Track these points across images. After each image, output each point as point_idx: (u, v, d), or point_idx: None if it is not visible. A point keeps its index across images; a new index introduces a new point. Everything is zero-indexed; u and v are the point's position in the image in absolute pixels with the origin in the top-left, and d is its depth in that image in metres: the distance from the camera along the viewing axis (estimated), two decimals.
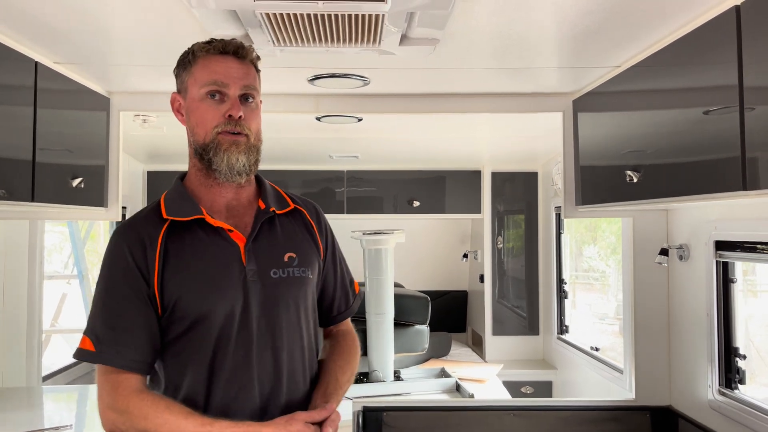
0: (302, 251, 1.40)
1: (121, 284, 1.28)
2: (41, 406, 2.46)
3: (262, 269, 1.33)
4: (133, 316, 1.27)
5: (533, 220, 4.30)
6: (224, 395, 1.28)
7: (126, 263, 1.28)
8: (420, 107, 2.52)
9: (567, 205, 2.51)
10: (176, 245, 1.30)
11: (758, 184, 1.37)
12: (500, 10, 1.60)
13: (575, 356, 3.72)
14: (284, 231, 1.40)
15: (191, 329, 1.28)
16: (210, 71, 1.31)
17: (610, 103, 2.20)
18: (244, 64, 1.33)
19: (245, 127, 1.31)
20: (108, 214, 2.42)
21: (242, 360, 1.29)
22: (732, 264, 2.19)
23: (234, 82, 1.31)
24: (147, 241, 1.29)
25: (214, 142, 1.30)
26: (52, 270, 5.30)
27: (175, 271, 1.28)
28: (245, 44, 1.35)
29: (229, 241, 1.33)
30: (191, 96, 1.34)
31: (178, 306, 1.27)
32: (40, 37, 1.79)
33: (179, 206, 1.33)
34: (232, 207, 1.37)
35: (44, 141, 1.91)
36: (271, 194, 1.43)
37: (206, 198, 1.36)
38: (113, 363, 1.26)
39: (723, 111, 1.49)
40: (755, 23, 1.39)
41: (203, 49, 1.33)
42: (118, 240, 1.31)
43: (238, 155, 1.30)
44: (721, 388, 2.18)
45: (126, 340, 1.26)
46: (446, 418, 2.56)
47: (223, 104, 1.31)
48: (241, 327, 1.29)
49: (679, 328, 2.45)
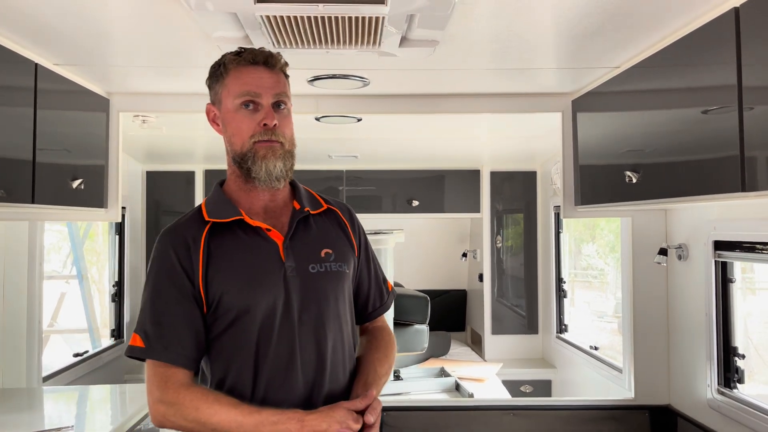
0: (337, 247, 1.46)
1: (168, 284, 1.34)
2: (41, 407, 2.46)
3: (301, 265, 1.38)
4: (180, 315, 1.33)
5: (532, 220, 4.31)
6: (269, 386, 1.33)
7: (171, 264, 1.34)
8: (419, 108, 2.53)
9: (566, 205, 2.52)
10: (218, 245, 1.36)
11: (757, 185, 1.38)
12: (500, 12, 1.60)
13: (574, 355, 3.72)
14: (319, 229, 1.46)
15: (234, 324, 1.34)
16: (242, 82, 1.36)
17: (609, 103, 2.20)
18: (274, 73, 1.38)
19: (280, 135, 1.36)
20: (108, 215, 2.42)
21: (286, 352, 1.34)
22: (731, 264, 2.20)
23: (266, 91, 1.36)
24: (191, 243, 1.35)
25: (252, 151, 1.35)
26: (50, 269, 5.29)
27: (218, 269, 1.34)
28: (274, 53, 1.40)
29: (267, 240, 1.39)
30: (226, 107, 1.39)
31: (222, 302, 1.33)
32: (40, 38, 1.79)
33: (220, 209, 1.40)
34: (269, 209, 1.43)
35: (44, 142, 1.92)
36: (305, 196, 1.49)
37: (245, 201, 1.42)
38: (162, 358, 1.31)
39: (722, 111, 1.49)
40: (754, 24, 1.39)
41: (234, 61, 1.38)
42: (164, 242, 1.38)
43: (275, 162, 1.35)
44: (720, 387, 2.18)
45: (173, 336, 1.32)
46: (446, 417, 2.57)
47: (257, 114, 1.36)
48: (284, 320, 1.35)
49: (677, 327, 2.46)
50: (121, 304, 3.96)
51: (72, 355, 3.36)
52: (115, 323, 3.94)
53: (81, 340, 4.70)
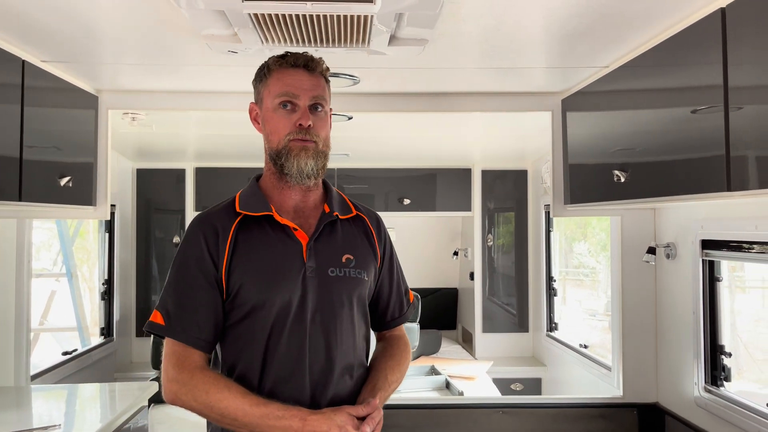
0: (359, 254, 1.49)
1: (194, 268, 1.39)
2: (30, 406, 2.45)
3: (321, 267, 1.43)
4: (201, 298, 1.38)
5: (523, 218, 4.32)
6: (276, 381, 1.38)
7: (200, 249, 1.40)
8: (410, 106, 2.53)
9: (556, 204, 2.53)
10: (245, 237, 1.42)
11: (742, 185, 1.39)
12: (489, 12, 1.60)
13: (564, 353, 3.74)
14: (344, 234, 1.50)
15: (249, 316, 1.39)
16: (283, 83, 1.42)
17: (598, 102, 2.21)
18: (313, 76, 1.44)
19: (314, 135, 1.42)
20: (97, 212, 2.41)
21: (296, 350, 1.38)
22: (718, 263, 2.21)
23: (304, 93, 1.42)
24: (220, 231, 1.41)
25: (286, 148, 1.41)
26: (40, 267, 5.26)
27: (241, 261, 1.39)
28: (315, 57, 1.46)
29: (293, 239, 1.43)
30: (266, 106, 1.46)
31: (240, 292, 1.38)
32: (27, 36, 1.78)
33: (252, 203, 1.45)
34: (300, 209, 1.48)
35: (32, 139, 1.91)
36: (336, 200, 1.53)
37: (277, 199, 1.47)
38: (180, 338, 1.37)
39: (708, 111, 1.50)
40: (740, 25, 1.40)
41: (277, 63, 1.45)
42: (195, 228, 1.44)
43: (307, 160, 1.41)
44: (707, 385, 2.20)
45: (193, 319, 1.37)
46: (436, 415, 2.58)
47: (294, 114, 1.42)
48: (297, 318, 1.39)
49: (666, 326, 2.47)
50: (110, 302, 3.94)
51: (61, 353, 3.35)
52: (104, 321, 3.92)
53: (70, 338, 4.68)
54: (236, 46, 1.76)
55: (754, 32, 1.36)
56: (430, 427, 2.56)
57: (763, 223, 1.87)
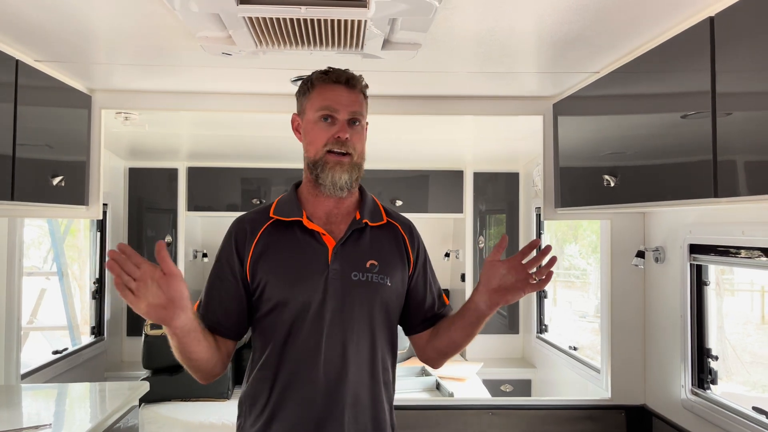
0: (385, 261, 1.55)
1: (224, 264, 1.53)
2: (20, 405, 2.44)
3: (345, 270, 1.50)
4: (227, 290, 1.52)
5: (514, 220, 4.34)
6: (293, 375, 1.47)
7: (230, 248, 1.53)
8: (403, 109, 2.54)
9: (546, 207, 2.55)
10: (274, 239, 1.52)
11: (729, 191, 1.41)
12: (482, 17, 1.62)
13: (554, 355, 3.76)
14: (372, 241, 1.57)
15: (273, 311, 1.50)
16: (324, 98, 1.50)
17: (589, 107, 2.23)
18: (353, 93, 1.52)
19: (350, 147, 1.50)
20: (89, 212, 2.41)
21: (313, 346, 1.46)
22: (705, 267, 2.24)
23: (343, 108, 1.50)
24: (249, 232, 1.53)
25: (323, 159, 1.50)
26: (30, 265, 5.24)
27: (267, 260, 1.50)
28: (353, 74, 1.54)
29: (320, 242, 1.52)
30: (308, 118, 1.54)
31: (266, 289, 1.49)
32: (21, 35, 1.78)
33: (286, 208, 1.56)
34: (332, 215, 1.55)
35: (25, 138, 1.90)
36: (369, 207, 1.61)
37: (310, 205, 1.56)
38: (206, 324, 1.49)
39: (697, 116, 1.52)
40: (728, 33, 1.43)
41: (320, 78, 1.53)
42: (231, 228, 1.57)
43: (342, 173, 1.50)
44: (694, 388, 2.22)
45: (217, 308, 1.52)
46: (426, 416, 2.59)
47: (333, 127, 1.50)
48: (316, 316, 1.47)
49: (654, 329, 2.50)
50: (101, 301, 3.93)
51: (51, 352, 3.34)
52: (95, 320, 3.91)
53: (61, 337, 4.67)
54: (230, 48, 1.77)
55: (742, 41, 1.39)
56: (420, 427, 2.58)
57: (750, 228, 1.90)
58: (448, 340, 1.61)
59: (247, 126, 3.35)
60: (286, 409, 1.47)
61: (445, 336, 1.61)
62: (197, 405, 3.46)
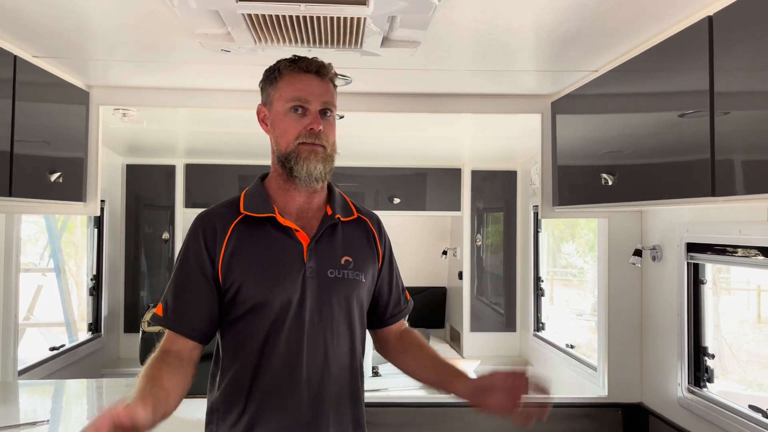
0: (359, 256, 1.52)
1: (192, 263, 1.44)
2: (17, 401, 2.45)
3: (321, 268, 1.45)
4: (196, 292, 1.43)
5: (512, 218, 4.34)
6: (274, 375, 1.41)
7: (198, 246, 1.44)
8: (402, 107, 2.54)
9: (544, 206, 2.55)
10: (246, 237, 1.45)
11: (726, 190, 1.42)
12: (481, 16, 1.62)
13: (551, 353, 3.77)
14: (345, 237, 1.52)
15: (248, 314, 1.42)
16: (294, 88, 1.44)
17: (587, 105, 2.24)
18: (324, 82, 1.46)
19: (323, 139, 1.44)
20: (86, 208, 2.41)
21: (294, 349, 1.42)
22: (702, 265, 2.24)
23: (315, 98, 1.44)
24: (219, 229, 1.45)
25: (295, 151, 1.43)
26: (27, 262, 5.23)
27: (241, 259, 1.43)
28: (325, 63, 1.48)
29: (294, 240, 1.46)
30: (276, 109, 1.47)
31: (241, 291, 1.42)
32: (19, 31, 1.77)
33: (256, 203, 1.48)
34: (303, 210, 1.50)
35: (22, 134, 1.90)
36: (339, 203, 1.55)
37: (281, 200, 1.49)
38: (174, 328, 1.43)
39: (695, 115, 1.53)
40: (727, 33, 1.43)
41: (288, 67, 1.46)
42: (196, 224, 1.48)
43: (316, 164, 1.43)
44: (690, 386, 2.23)
45: (187, 311, 1.43)
46: (423, 413, 2.60)
47: (304, 118, 1.44)
48: (295, 317, 1.42)
49: (651, 327, 2.50)
50: (99, 297, 3.92)
51: (48, 348, 3.33)
52: (92, 317, 3.90)
53: (58, 333, 4.66)
54: (229, 45, 1.77)
55: (740, 40, 1.39)
56: (417, 425, 2.58)
57: (746, 227, 1.91)
58: (412, 369, 1.61)
59: (244, 123, 3.34)
60: (267, 415, 1.41)
61: (411, 364, 1.61)
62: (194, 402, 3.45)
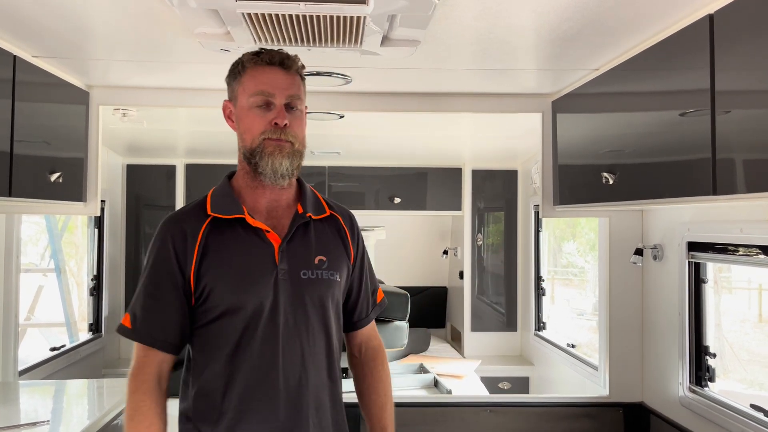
0: (332, 255, 1.48)
1: (161, 271, 1.40)
2: (17, 401, 2.44)
3: (293, 269, 1.42)
4: (167, 301, 1.39)
5: (512, 218, 4.34)
6: (249, 381, 1.37)
7: (167, 252, 1.40)
8: (402, 106, 2.54)
9: (545, 205, 2.54)
10: (216, 240, 1.40)
11: (728, 189, 1.41)
12: (481, 15, 1.62)
13: (552, 353, 3.77)
14: (317, 235, 1.48)
15: (220, 319, 1.39)
16: (258, 81, 1.40)
17: (588, 104, 2.23)
18: (289, 75, 1.42)
19: (290, 134, 1.39)
20: (86, 209, 2.40)
21: (269, 353, 1.38)
22: (704, 264, 2.24)
23: (280, 92, 1.39)
24: (189, 235, 1.40)
25: (260, 147, 1.39)
26: (27, 262, 5.23)
27: (212, 263, 1.39)
28: (287, 54, 1.43)
29: (265, 241, 1.42)
30: (240, 104, 1.43)
31: (212, 296, 1.38)
32: (19, 31, 1.77)
33: (224, 204, 1.44)
34: (273, 209, 1.46)
35: (22, 134, 1.90)
36: (310, 199, 1.51)
37: (249, 199, 1.45)
38: (145, 341, 1.40)
39: (696, 114, 1.52)
40: (728, 31, 1.43)
41: (252, 60, 1.42)
42: (164, 230, 1.43)
43: (282, 159, 1.39)
44: (692, 385, 2.23)
45: (157, 321, 1.39)
46: (423, 413, 2.59)
47: (269, 112, 1.39)
48: (269, 321, 1.39)
49: (652, 326, 2.50)
50: (99, 297, 3.92)
51: (49, 349, 3.33)
52: (93, 317, 3.90)
53: (58, 333, 4.66)
54: (229, 45, 1.76)
55: (741, 38, 1.38)
56: (418, 425, 2.58)
57: (748, 226, 1.90)
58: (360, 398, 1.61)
59: None
60: (245, 423, 1.37)
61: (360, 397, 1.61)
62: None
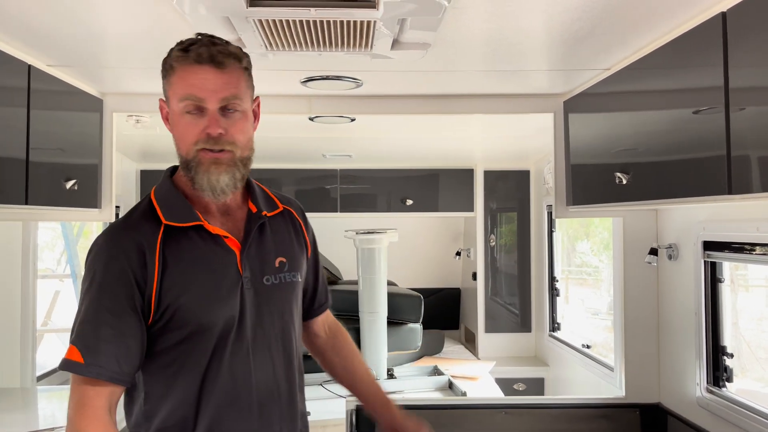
0: (291, 255, 1.41)
1: (115, 292, 1.21)
2: (36, 407, 2.47)
3: (256, 277, 1.32)
4: (126, 327, 1.21)
5: (525, 218, 4.33)
6: (222, 403, 1.27)
7: (120, 270, 1.21)
8: (413, 108, 2.54)
9: (558, 205, 2.53)
10: (173, 252, 1.25)
11: (743, 188, 1.40)
12: (491, 16, 1.61)
13: (567, 353, 3.75)
14: (274, 235, 1.40)
15: (188, 338, 1.25)
16: (186, 84, 1.23)
17: (600, 104, 2.22)
18: (224, 73, 1.23)
19: (226, 143, 1.24)
20: (101, 215, 2.42)
21: (241, 369, 1.29)
22: (720, 264, 2.22)
23: (210, 95, 1.22)
24: (146, 248, 1.23)
25: (195, 159, 1.25)
26: (44, 268, 5.29)
27: (173, 279, 1.24)
28: (223, 46, 1.26)
29: (225, 249, 1.30)
30: (172, 108, 1.28)
31: (177, 316, 1.23)
32: (33, 41, 1.79)
33: (176, 210, 1.29)
34: (224, 211, 1.35)
35: (38, 142, 1.92)
36: (260, 196, 1.40)
37: (198, 201, 1.32)
38: (102, 376, 1.19)
39: (710, 112, 1.51)
40: (741, 28, 1.41)
41: (179, 59, 1.24)
42: (110, 244, 1.25)
43: (219, 175, 1.24)
44: (709, 386, 2.21)
45: (112, 352, 1.19)
46: (438, 416, 2.59)
47: (202, 119, 1.23)
48: (238, 336, 1.28)
49: (668, 326, 2.48)
50: None
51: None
52: None
53: None
54: None
55: (754, 35, 1.37)
56: (433, 427, 2.55)
57: (764, 225, 1.88)
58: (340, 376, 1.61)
59: None
60: None
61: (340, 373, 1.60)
62: None
